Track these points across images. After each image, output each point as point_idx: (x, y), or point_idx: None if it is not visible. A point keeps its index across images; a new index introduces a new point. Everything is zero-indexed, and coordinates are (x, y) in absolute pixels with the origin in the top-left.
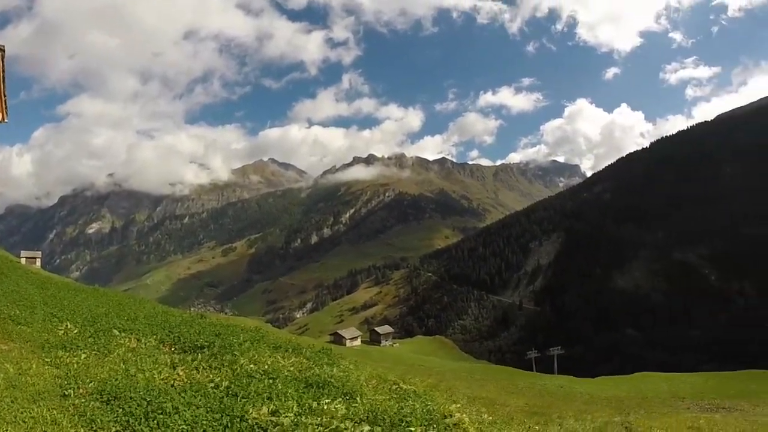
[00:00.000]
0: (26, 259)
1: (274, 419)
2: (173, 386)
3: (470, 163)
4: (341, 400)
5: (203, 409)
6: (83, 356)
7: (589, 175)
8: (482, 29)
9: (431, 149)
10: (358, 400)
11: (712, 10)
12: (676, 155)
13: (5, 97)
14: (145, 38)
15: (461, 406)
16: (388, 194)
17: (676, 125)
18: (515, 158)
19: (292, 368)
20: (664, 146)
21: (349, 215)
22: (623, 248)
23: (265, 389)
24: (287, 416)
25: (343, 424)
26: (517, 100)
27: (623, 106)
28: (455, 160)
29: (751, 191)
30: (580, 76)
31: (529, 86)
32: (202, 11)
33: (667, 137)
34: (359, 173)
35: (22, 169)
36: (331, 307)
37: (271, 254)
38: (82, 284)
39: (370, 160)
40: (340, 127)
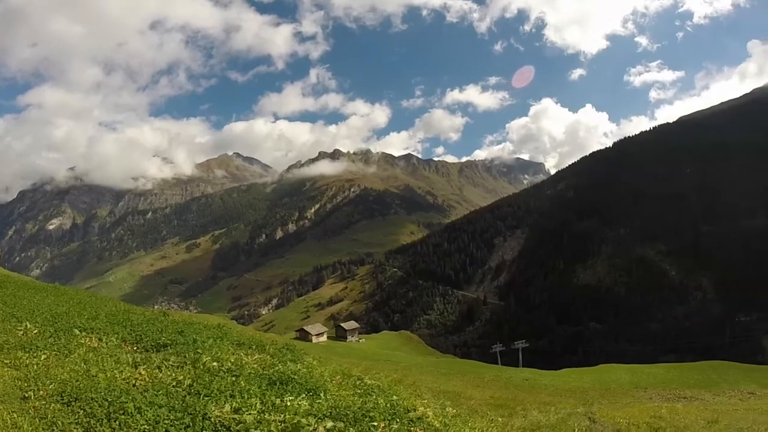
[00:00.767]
0: None
1: (236, 417)
2: (135, 386)
3: (436, 159)
4: (305, 396)
5: (165, 408)
6: (43, 357)
7: (553, 172)
8: (451, 27)
9: (397, 145)
10: (321, 396)
11: (677, 16)
12: (638, 155)
13: None
14: (109, 27)
15: (425, 400)
16: (353, 190)
17: (639, 126)
18: (480, 155)
19: (255, 365)
20: (626, 146)
21: (314, 210)
22: (586, 244)
23: (227, 387)
24: (250, 414)
25: (306, 420)
26: (483, 98)
27: (588, 106)
28: (421, 156)
29: (709, 191)
30: (545, 76)
31: (495, 85)
32: (169, 1)
33: (630, 137)
34: (325, 168)
35: None
36: (296, 303)
37: (235, 250)
38: (42, 283)
39: (335, 155)
40: (306, 121)
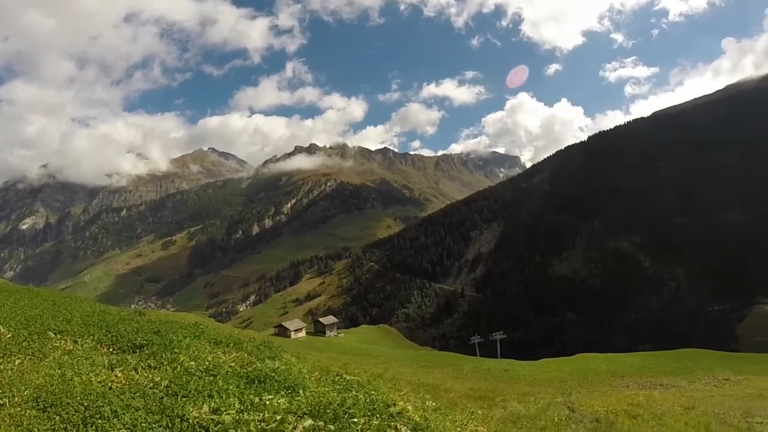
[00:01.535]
0: None
1: (215, 417)
2: (111, 389)
3: (412, 153)
4: (283, 394)
5: (142, 411)
6: (17, 362)
7: (528, 166)
8: (428, 22)
9: (373, 139)
10: (300, 393)
11: (653, 13)
12: (613, 149)
13: None
14: (83, 20)
15: (405, 394)
16: (329, 184)
17: (614, 120)
18: (456, 149)
19: (233, 364)
20: (601, 140)
21: (290, 205)
22: (561, 236)
23: (205, 387)
24: (229, 413)
25: (285, 418)
26: (460, 92)
27: (563, 101)
28: (397, 150)
29: (683, 185)
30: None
31: (472, 79)
32: None
33: (604, 131)
34: (301, 163)
35: None
36: (274, 299)
37: (212, 246)
38: (15, 284)
39: (312, 149)
40: (282, 116)
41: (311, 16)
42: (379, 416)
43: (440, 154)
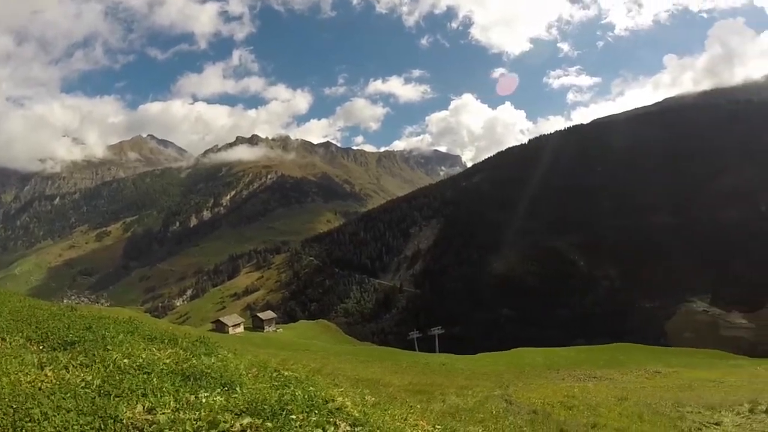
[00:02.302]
0: None
1: (150, 417)
2: (41, 389)
3: (354, 148)
4: (220, 391)
5: (74, 412)
6: None
7: (469, 165)
8: (380, 18)
9: (317, 133)
10: (237, 390)
11: (600, 26)
12: (552, 152)
13: None
14: None
15: (344, 389)
16: (270, 176)
17: (555, 125)
18: (399, 146)
19: (168, 360)
20: (542, 143)
21: (230, 197)
22: (499, 235)
23: (139, 385)
24: (164, 413)
25: (222, 416)
26: (405, 90)
27: (507, 104)
28: (340, 144)
29: (618, 188)
30: (468, 72)
31: (418, 78)
32: None
33: (545, 135)
34: (242, 154)
35: None
36: (212, 293)
37: (148, 238)
38: None
39: (254, 140)
40: (225, 104)
41: (262, 4)
42: (317, 412)
43: (383, 150)
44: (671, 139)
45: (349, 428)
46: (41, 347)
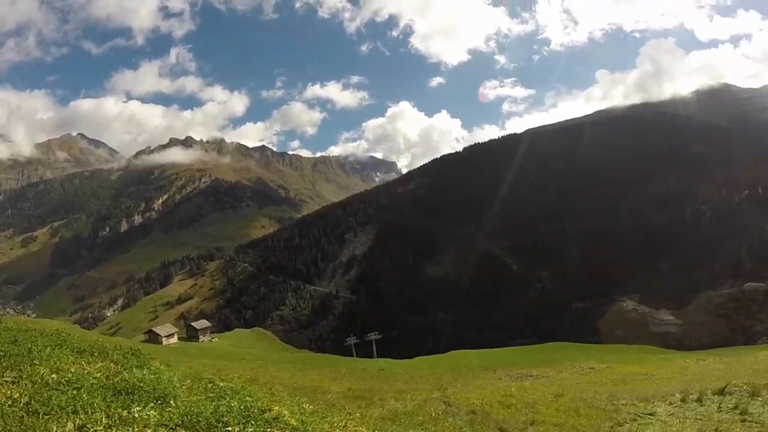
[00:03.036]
0: None
1: None
2: None
3: (290, 153)
4: (153, 405)
5: None
6: None
7: (405, 172)
8: (321, 23)
9: (253, 136)
10: (171, 403)
11: (536, 41)
12: (487, 160)
13: None
14: None
15: (281, 398)
16: (204, 180)
17: (489, 134)
18: (335, 151)
19: (98, 374)
20: (476, 151)
21: (162, 201)
22: (434, 240)
23: (69, 401)
24: (96, 430)
25: (156, 431)
26: (343, 95)
27: (443, 112)
28: (276, 149)
29: (550, 195)
30: (406, 81)
31: (357, 84)
32: None
33: (480, 143)
34: (176, 156)
35: None
36: (144, 302)
37: (77, 244)
38: None
39: (188, 142)
40: (160, 104)
41: (204, 1)
42: (254, 423)
43: (319, 155)
44: (602, 148)
45: None
46: None
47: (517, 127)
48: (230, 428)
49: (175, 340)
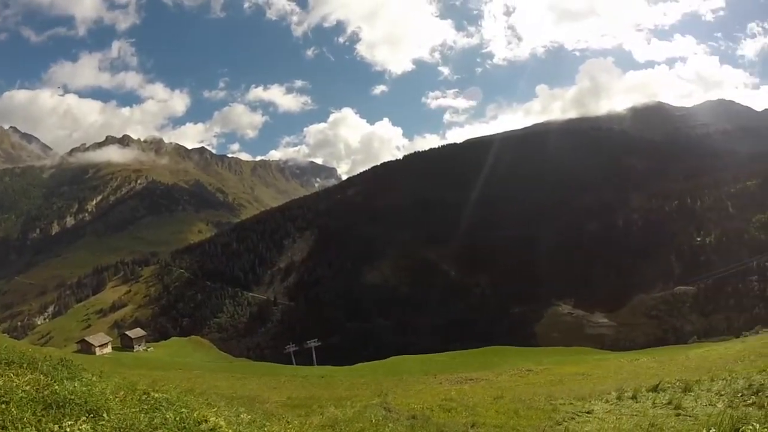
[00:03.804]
0: None
1: None
2: None
3: (230, 156)
4: (86, 418)
5: None
6: None
7: (344, 178)
8: (269, 25)
9: (192, 137)
10: (104, 416)
11: (480, 55)
12: (426, 168)
13: None
14: None
15: (218, 408)
16: (140, 181)
17: (430, 143)
18: (276, 155)
19: (27, 387)
20: (416, 159)
21: (96, 202)
22: (373, 246)
23: None
24: None
25: None
26: (286, 99)
27: (385, 120)
28: (215, 151)
29: (488, 203)
30: (350, 87)
31: (300, 88)
32: None
33: (420, 152)
34: (112, 155)
35: None
36: (76, 309)
37: (5, 247)
38: None
39: (125, 141)
40: (98, 99)
41: None
42: None
43: (258, 159)
44: (539, 159)
45: None
46: None
47: (457, 137)
48: None
49: (109, 350)
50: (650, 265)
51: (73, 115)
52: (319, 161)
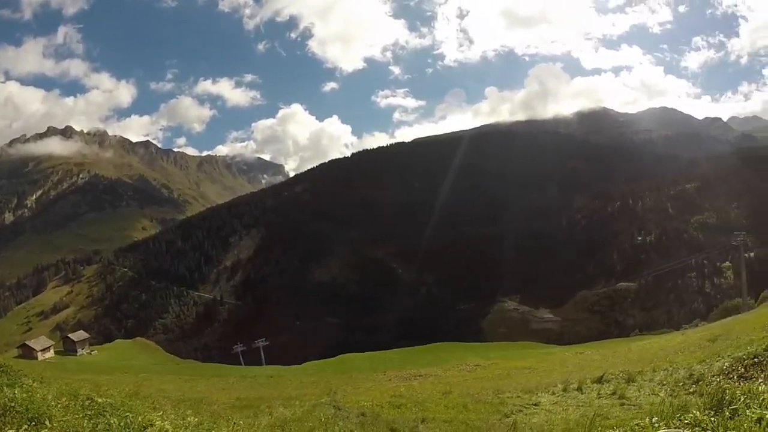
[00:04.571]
0: None
1: None
2: None
3: (176, 150)
4: (27, 427)
5: None
6: None
7: (292, 175)
8: (221, 17)
9: (137, 130)
10: (47, 423)
11: (432, 56)
12: (374, 166)
13: None
14: None
15: (164, 412)
16: (82, 176)
17: (379, 141)
18: (223, 151)
19: None
20: (364, 157)
21: (36, 197)
22: (321, 244)
23: None
24: None
25: None
26: (235, 93)
27: (335, 117)
28: (161, 145)
29: (435, 202)
30: (300, 83)
31: (249, 83)
32: None
33: (368, 150)
34: (54, 147)
35: None
36: (15, 312)
37: None
38: None
39: (68, 132)
40: (40, 87)
41: None
42: None
43: (205, 154)
44: (487, 159)
45: None
46: None
47: (406, 136)
48: None
49: (51, 354)
50: (593, 262)
51: (14, 103)
52: (266, 157)
